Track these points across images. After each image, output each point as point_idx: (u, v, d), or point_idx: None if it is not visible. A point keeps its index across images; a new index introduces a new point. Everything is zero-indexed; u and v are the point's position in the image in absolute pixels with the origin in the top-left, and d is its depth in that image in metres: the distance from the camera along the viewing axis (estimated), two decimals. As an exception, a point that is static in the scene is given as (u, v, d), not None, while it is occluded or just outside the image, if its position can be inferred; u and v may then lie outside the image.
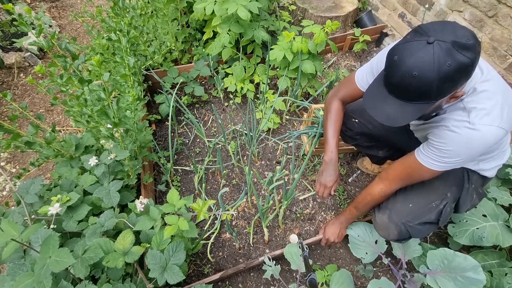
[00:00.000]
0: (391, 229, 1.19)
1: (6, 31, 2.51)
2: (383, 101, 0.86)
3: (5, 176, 1.14)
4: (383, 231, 1.24)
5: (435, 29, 0.75)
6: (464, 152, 0.91)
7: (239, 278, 1.48)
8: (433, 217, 1.14)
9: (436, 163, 0.97)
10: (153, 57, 1.95)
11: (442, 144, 0.93)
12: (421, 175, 1.06)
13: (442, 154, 0.94)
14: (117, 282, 1.02)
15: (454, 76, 0.74)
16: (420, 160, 1.02)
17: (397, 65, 0.77)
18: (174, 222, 1.02)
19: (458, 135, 0.88)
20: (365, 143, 1.52)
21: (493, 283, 1.19)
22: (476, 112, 0.86)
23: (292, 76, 1.87)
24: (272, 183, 1.42)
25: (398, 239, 1.21)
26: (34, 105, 2.27)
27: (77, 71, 1.22)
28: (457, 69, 0.73)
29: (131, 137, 1.34)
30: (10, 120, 1.05)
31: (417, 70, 0.74)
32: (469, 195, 1.19)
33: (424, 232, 1.18)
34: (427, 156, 0.99)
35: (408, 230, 1.16)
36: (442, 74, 0.73)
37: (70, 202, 1.07)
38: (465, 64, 0.73)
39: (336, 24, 1.69)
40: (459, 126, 0.88)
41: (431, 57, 0.72)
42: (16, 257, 0.98)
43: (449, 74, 0.73)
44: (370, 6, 2.81)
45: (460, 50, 0.72)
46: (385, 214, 1.21)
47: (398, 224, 1.17)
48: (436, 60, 0.72)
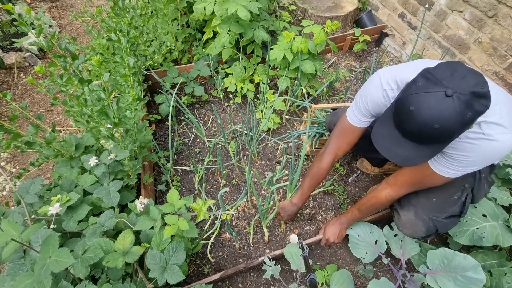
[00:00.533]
0: (419, 226, 1.17)
1: (6, 31, 2.51)
2: (397, 144, 0.88)
3: (5, 176, 1.14)
4: (409, 229, 1.21)
5: (447, 77, 0.76)
6: (483, 161, 0.93)
7: (239, 278, 1.48)
8: (457, 210, 1.15)
9: (452, 171, 0.98)
10: (153, 57, 1.95)
11: (461, 156, 0.93)
12: (433, 182, 1.06)
13: (460, 164, 0.94)
14: (117, 282, 1.02)
15: (472, 121, 0.78)
16: (434, 169, 1.01)
17: (414, 116, 0.78)
18: (174, 222, 1.02)
19: (478, 146, 0.88)
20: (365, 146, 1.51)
21: (492, 283, 1.19)
22: (486, 125, 0.87)
23: (292, 76, 1.87)
24: (272, 183, 1.42)
25: (425, 235, 1.18)
26: (34, 105, 2.27)
27: (77, 71, 1.22)
28: (476, 117, 0.76)
29: (131, 137, 1.34)
30: (10, 120, 1.05)
31: (439, 123, 0.75)
32: (482, 184, 1.19)
33: (450, 226, 1.18)
34: (442, 165, 0.99)
35: (435, 225, 1.15)
36: (464, 123, 0.76)
37: (70, 202, 1.07)
38: (482, 112, 0.76)
39: (336, 24, 1.69)
40: (476, 138, 0.88)
41: (452, 111, 0.74)
42: (16, 257, 0.98)
43: (469, 122, 0.76)
44: (370, 6, 2.81)
45: (478, 99, 0.74)
46: (411, 211, 1.19)
47: (426, 220, 1.15)
48: (458, 113, 0.74)
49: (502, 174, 1.46)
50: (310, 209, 1.73)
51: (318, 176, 1.33)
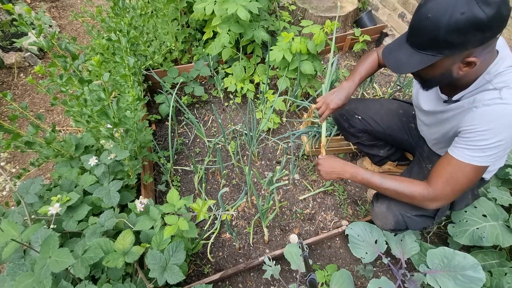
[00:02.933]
0: (389, 219, 1.20)
1: (6, 31, 2.51)
2: (399, 48, 0.88)
3: (5, 176, 1.14)
4: (380, 220, 1.25)
5: None
6: (502, 130, 0.83)
7: (239, 278, 1.48)
8: (430, 211, 1.14)
9: (475, 153, 0.88)
10: (153, 57, 1.95)
11: (475, 126, 0.86)
12: (466, 175, 0.93)
13: (478, 137, 0.86)
14: (117, 282, 1.02)
15: (463, 28, 0.72)
16: (456, 156, 0.92)
17: (419, 8, 0.79)
18: (174, 222, 1.02)
19: (491, 111, 0.83)
20: (367, 142, 1.52)
21: (492, 283, 1.20)
22: (508, 90, 0.81)
23: (292, 76, 1.87)
24: (272, 183, 1.42)
25: (395, 228, 1.21)
26: (34, 105, 2.27)
27: (77, 71, 1.22)
28: (468, 21, 0.71)
29: (131, 137, 1.34)
30: (10, 120, 1.05)
31: (432, 13, 0.74)
32: (466, 195, 1.20)
33: (421, 224, 1.18)
34: (463, 148, 0.90)
35: (405, 220, 1.16)
36: (453, 21, 0.72)
37: (70, 202, 1.07)
38: (478, 19, 0.70)
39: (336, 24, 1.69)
40: (490, 104, 0.83)
41: (449, 3, 0.72)
42: (16, 257, 0.98)
43: (459, 24, 0.72)
44: (370, 6, 2.81)
45: (481, 3, 0.70)
46: (384, 204, 1.21)
47: (396, 214, 1.17)
48: (452, 5, 0.72)
49: (502, 174, 1.46)
50: (310, 209, 1.73)
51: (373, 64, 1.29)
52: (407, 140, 1.44)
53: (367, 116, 1.43)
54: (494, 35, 0.76)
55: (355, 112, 1.44)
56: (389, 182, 1.08)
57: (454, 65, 0.83)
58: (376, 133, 1.45)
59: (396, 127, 1.42)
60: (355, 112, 1.44)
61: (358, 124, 1.45)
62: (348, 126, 1.49)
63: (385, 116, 1.43)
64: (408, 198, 1.06)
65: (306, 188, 1.82)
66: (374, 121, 1.41)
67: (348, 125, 1.48)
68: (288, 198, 1.77)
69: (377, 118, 1.43)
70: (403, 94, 2.23)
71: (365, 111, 1.42)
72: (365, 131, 1.47)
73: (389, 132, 1.42)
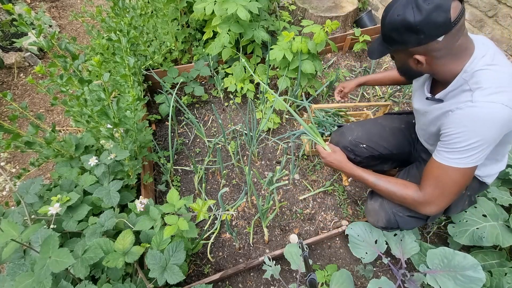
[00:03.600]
0: (380, 216, 1.21)
1: (6, 31, 2.51)
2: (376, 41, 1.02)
3: (5, 176, 1.14)
4: (372, 217, 1.26)
5: None
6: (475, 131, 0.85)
7: (239, 278, 1.48)
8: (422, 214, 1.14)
9: (454, 156, 0.91)
10: (153, 57, 1.95)
11: (451, 129, 0.90)
12: (451, 178, 0.95)
13: (454, 140, 0.89)
14: (117, 282, 1.02)
15: (399, 28, 0.85)
16: (439, 160, 0.96)
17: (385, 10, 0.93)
18: (174, 222, 1.02)
19: (461, 114, 0.86)
20: (372, 162, 1.48)
21: (492, 283, 1.20)
22: (480, 91, 0.84)
23: (292, 76, 1.87)
24: (272, 183, 1.42)
25: (386, 226, 1.23)
26: (34, 105, 2.27)
27: (77, 71, 1.22)
28: (401, 23, 0.84)
29: (131, 137, 1.34)
30: (10, 120, 1.05)
31: (384, 12, 0.90)
32: (462, 201, 1.19)
33: (412, 225, 1.19)
34: (443, 151, 0.94)
35: (396, 219, 1.17)
36: (392, 20, 0.86)
37: (70, 202, 1.07)
38: (408, 22, 0.82)
39: (336, 23, 1.69)
40: (462, 107, 0.87)
41: (393, 4, 0.87)
42: (16, 257, 0.98)
43: (396, 24, 0.85)
44: (370, 6, 2.81)
45: (415, 8, 0.81)
46: (377, 202, 1.23)
47: (388, 212, 1.18)
48: (393, 7, 0.86)
49: (502, 174, 1.46)
50: (310, 209, 1.73)
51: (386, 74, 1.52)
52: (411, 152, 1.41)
53: (371, 142, 1.37)
54: (429, 38, 0.84)
55: (359, 142, 1.38)
56: (383, 183, 1.13)
57: (408, 60, 0.94)
58: (383, 156, 1.41)
59: (402, 144, 1.39)
60: (359, 142, 1.38)
61: (364, 152, 1.39)
62: (354, 157, 1.41)
63: (390, 138, 1.39)
64: (400, 200, 1.10)
65: (306, 188, 1.82)
66: (380, 145, 1.37)
67: (354, 156, 1.41)
68: (288, 198, 1.77)
69: (383, 142, 1.38)
70: (403, 94, 2.23)
71: (369, 137, 1.38)
72: (372, 157, 1.42)
73: (396, 151, 1.39)
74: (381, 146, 1.38)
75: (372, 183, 1.15)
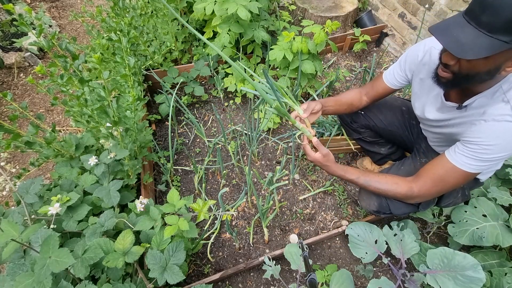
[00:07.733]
0: (372, 200, 1.23)
1: (6, 31, 2.51)
2: (458, 26, 0.72)
3: (5, 176, 1.14)
4: (364, 201, 1.29)
5: None
6: (506, 147, 0.83)
7: (239, 278, 1.48)
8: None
9: (473, 162, 0.89)
10: (153, 57, 1.95)
11: (481, 139, 0.85)
12: (456, 179, 0.95)
13: (481, 150, 0.86)
14: (117, 282, 1.02)
15: None
16: (453, 161, 0.92)
17: None
18: (174, 222, 1.02)
19: (500, 127, 0.82)
20: (369, 138, 1.53)
21: (492, 283, 1.20)
22: None
23: (292, 76, 1.87)
24: (272, 183, 1.42)
25: (378, 210, 1.25)
26: (34, 105, 2.27)
27: (77, 71, 1.22)
28: None
29: (131, 137, 1.34)
30: (10, 120, 1.05)
31: None
32: (455, 192, 1.20)
33: (403, 210, 1.20)
34: (463, 155, 0.90)
35: (388, 204, 1.20)
36: None
37: (70, 202, 1.07)
38: None
39: (336, 24, 1.68)
40: (499, 120, 0.82)
41: None
42: (16, 257, 0.98)
43: None
44: (370, 6, 2.81)
45: None
46: None
47: (380, 196, 1.20)
48: None
49: (502, 174, 1.46)
50: (310, 209, 1.73)
51: (341, 96, 1.35)
52: (407, 136, 1.45)
53: (370, 111, 1.44)
54: None
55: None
56: (374, 183, 1.12)
57: (505, 63, 0.73)
58: (377, 129, 1.47)
59: (397, 124, 1.44)
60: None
61: (360, 119, 1.47)
62: (351, 121, 1.51)
63: (387, 112, 1.45)
64: (392, 197, 1.15)
65: (306, 188, 1.82)
66: (377, 116, 1.43)
67: (351, 120, 1.50)
68: (288, 198, 1.77)
69: (380, 114, 1.44)
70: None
71: (367, 107, 1.43)
72: (367, 127, 1.48)
73: (390, 128, 1.44)
74: (377, 118, 1.42)
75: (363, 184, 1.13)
